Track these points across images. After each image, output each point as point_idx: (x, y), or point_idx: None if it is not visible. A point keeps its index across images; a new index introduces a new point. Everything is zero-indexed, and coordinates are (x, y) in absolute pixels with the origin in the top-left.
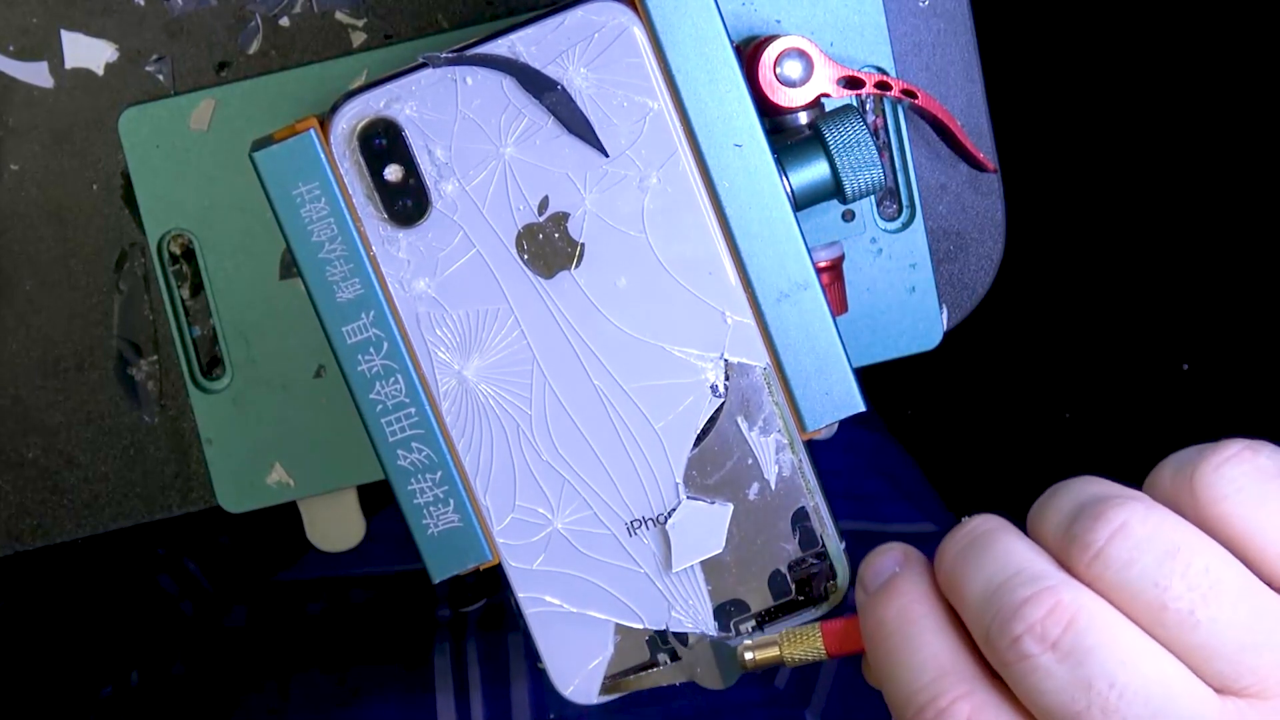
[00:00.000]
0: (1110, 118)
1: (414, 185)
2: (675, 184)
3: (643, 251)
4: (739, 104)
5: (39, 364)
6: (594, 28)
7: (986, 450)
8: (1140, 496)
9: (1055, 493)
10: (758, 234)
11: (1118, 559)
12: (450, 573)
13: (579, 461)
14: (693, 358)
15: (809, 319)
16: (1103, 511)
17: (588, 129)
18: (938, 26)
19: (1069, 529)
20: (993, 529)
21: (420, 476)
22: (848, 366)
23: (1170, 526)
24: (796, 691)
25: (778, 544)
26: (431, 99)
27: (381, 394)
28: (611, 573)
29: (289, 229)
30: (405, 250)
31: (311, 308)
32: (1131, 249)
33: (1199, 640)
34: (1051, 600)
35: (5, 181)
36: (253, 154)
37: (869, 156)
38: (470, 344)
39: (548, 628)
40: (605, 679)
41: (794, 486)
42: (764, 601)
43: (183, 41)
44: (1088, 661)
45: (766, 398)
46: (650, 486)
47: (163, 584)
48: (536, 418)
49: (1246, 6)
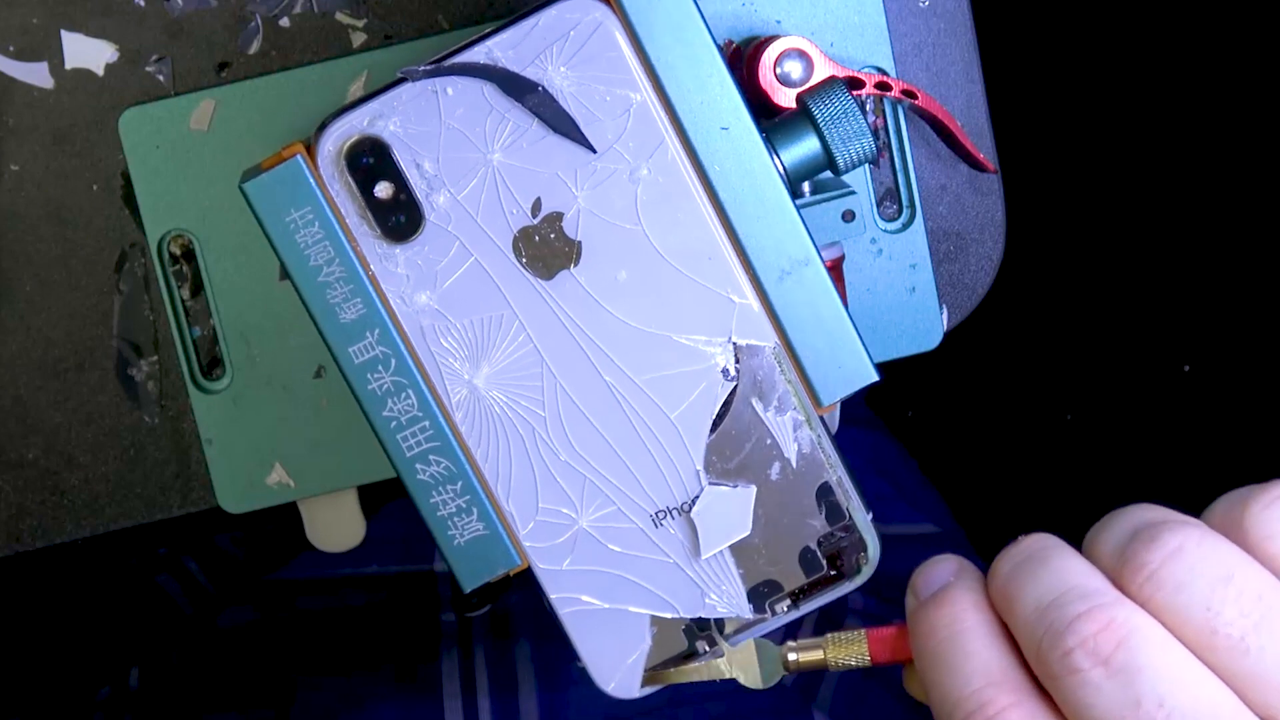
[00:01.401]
0: (1110, 118)
1: (405, 200)
2: (666, 173)
3: (640, 243)
4: (721, 87)
5: (39, 364)
6: (569, 25)
7: (987, 451)
8: (1196, 523)
9: (1113, 517)
10: (753, 215)
11: (1171, 581)
12: (481, 580)
13: (598, 458)
14: (701, 344)
15: (813, 294)
16: (1158, 534)
17: (573, 127)
18: (938, 27)
19: (1124, 550)
20: (1049, 546)
21: (441, 489)
22: (856, 338)
23: (1225, 553)
24: (802, 691)
25: (805, 521)
26: (414, 113)
27: (394, 410)
28: (641, 566)
29: (286, 256)
30: (403, 265)
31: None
32: (1131, 249)
33: (1247, 667)
34: (1105, 617)
35: (5, 181)
36: (242, 185)
37: (858, 126)
38: (478, 352)
39: (583, 626)
40: (645, 672)
41: (815, 462)
42: (797, 580)
43: (183, 42)
44: (1138, 680)
45: (779, 376)
46: (671, 476)
47: (162, 584)
48: (551, 419)
49: (1246, 6)
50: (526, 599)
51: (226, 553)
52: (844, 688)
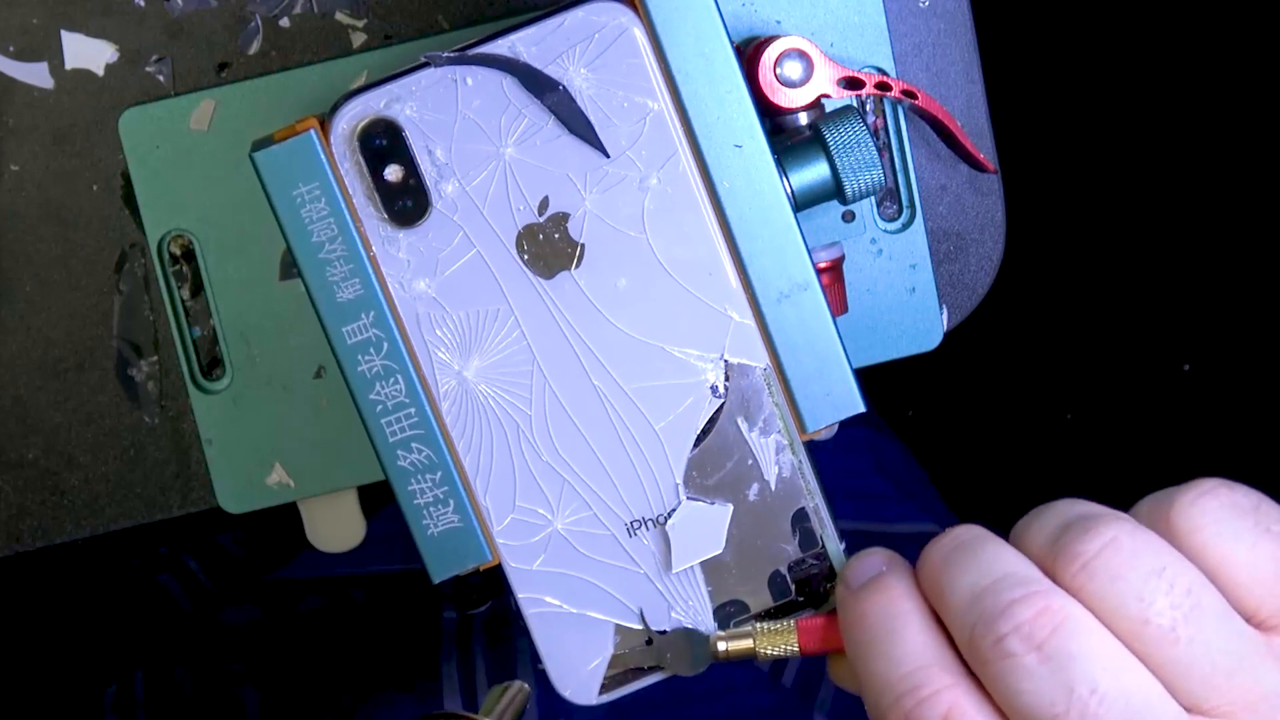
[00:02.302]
0: (1110, 118)
1: (414, 185)
2: (675, 185)
3: (643, 252)
4: (739, 104)
5: (39, 364)
6: (594, 28)
7: (987, 451)
8: (1127, 517)
9: (1042, 510)
10: (758, 235)
11: (1105, 571)
12: (450, 573)
13: (579, 462)
14: (693, 358)
15: (809, 320)
16: (1093, 526)
17: (588, 129)
18: (938, 27)
19: (1058, 540)
20: (980, 536)
21: (420, 477)
22: (847, 367)
23: (1157, 546)
24: (802, 693)
25: (778, 545)
26: (432, 99)
27: (381, 394)
28: (611, 573)
29: (289, 229)
30: (405, 250)
31: (312, 308)
32: (1131, 249)
33: (1176, 657)
34: (1041, 604)
35: (5, 182)
36: (253, 154)
37: (869, 158)
38: (470, 344)
39: (548, 628)
40: (605, 679)
41: (794, 487)
42: (764, 602)
43: (183, 42)
44: (1070, 666)
45: (767, 398)
46: (650, 487)
47: (163, 583)
48: (537, 418)
49: (1246, 6)
50: None
51: (228, 551)
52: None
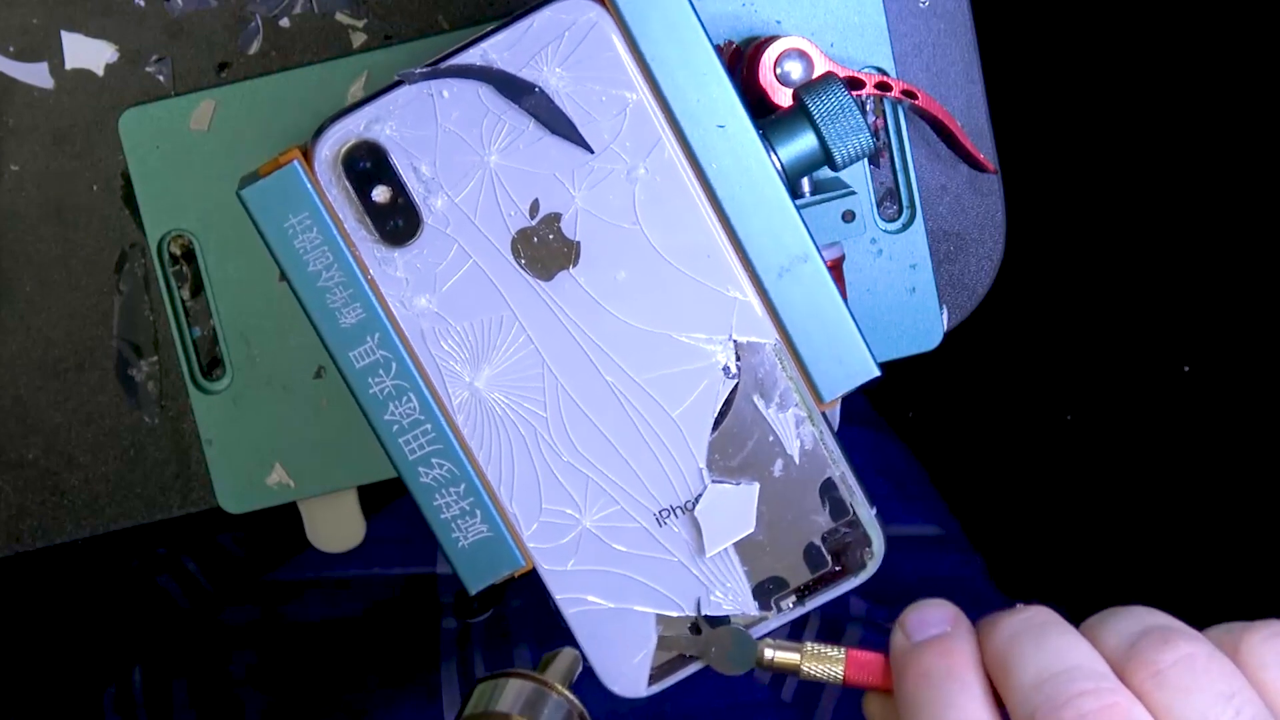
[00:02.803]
0: (1110, 118)
1: (403, 204)
2: (663, 172)
3: (639, 243)
4: (718, 85)
5: (39, 364)
6: (563, 26)
7: (987, 452)
8: (1205, 639)
9: (1117, 611)
10: (751, 212)
11: (1178, 684)
12: (486, 583)
13: (600, 458)
14: (701, 342)
15: (812, 290)
16: (1172, 639)
17: (570, 128)
18: (938, 27)
19: (1134, 644)
20: (1054, 620)
21: (445, 491)
22: (857, 333)
23: (1231, 672)
24: (802, 705)
25: (809, 517)
26: (411, 116)
27: (396, 414)
28: (646, 565)
29: (285, 261)
30: (402, 269)
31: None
32: (1131, 249)
33: None
34: (1110, 699)
35: (5, 182)
36: (240, 192)
37: (855, 122)
38: (478, 354)
39: (589, 626)
40: (652, 670)
41: (818, 458)
42: (802, 576)
43: (183, 42)
44: None
45: (780, 373)
46: (674, 475)
47: (163, 584)
48: (553, 420)
49: (1246, 6)
50: (526, 603)
51: (227, 552)
52: (845, 705)
